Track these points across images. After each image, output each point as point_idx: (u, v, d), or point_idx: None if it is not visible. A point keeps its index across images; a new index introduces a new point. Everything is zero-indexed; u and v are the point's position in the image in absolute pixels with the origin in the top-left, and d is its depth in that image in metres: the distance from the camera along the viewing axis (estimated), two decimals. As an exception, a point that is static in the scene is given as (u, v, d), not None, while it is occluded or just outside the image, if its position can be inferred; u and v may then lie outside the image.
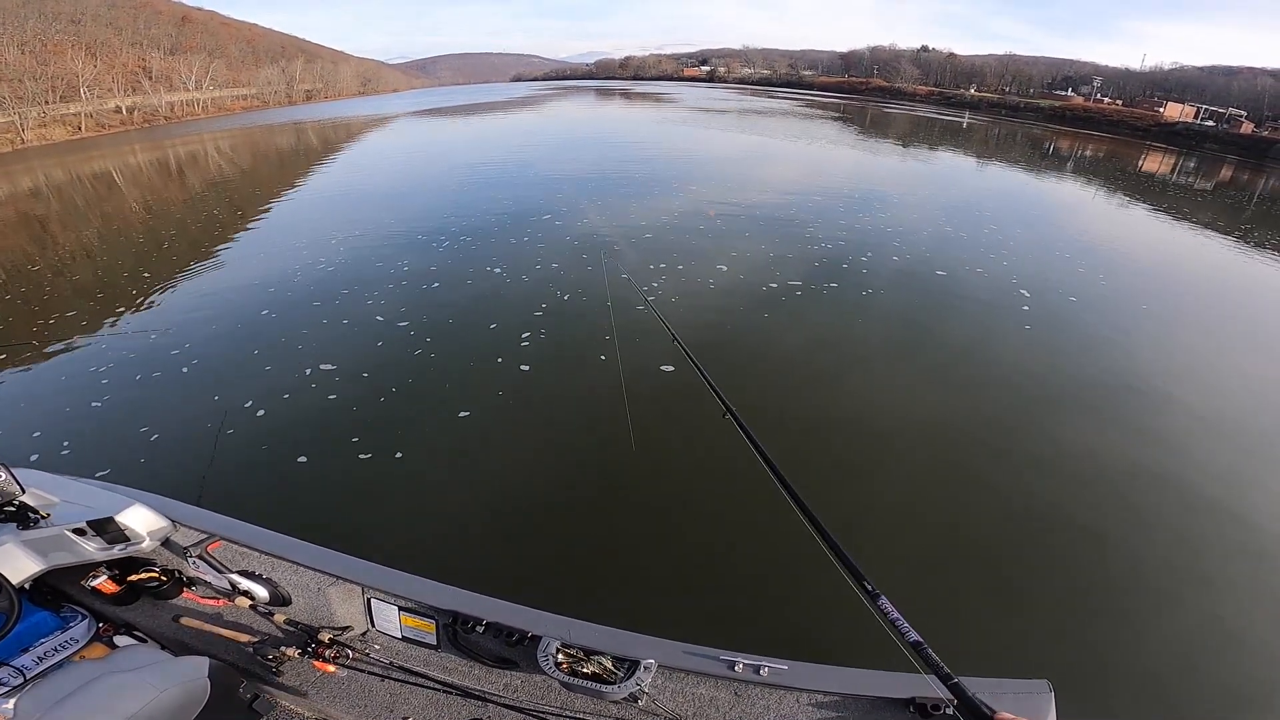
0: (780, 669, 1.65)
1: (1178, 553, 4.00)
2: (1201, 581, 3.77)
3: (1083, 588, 3.69)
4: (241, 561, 2.22)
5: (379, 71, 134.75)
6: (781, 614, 3.44)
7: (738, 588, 3.61)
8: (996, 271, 9.42)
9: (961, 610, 3.48)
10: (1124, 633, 3.38)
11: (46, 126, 46.71)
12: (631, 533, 4.08)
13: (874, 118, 48.75)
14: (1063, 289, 8.83)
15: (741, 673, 1.66)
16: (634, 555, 3.90)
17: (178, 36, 67.69)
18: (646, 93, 75.57)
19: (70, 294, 9.25)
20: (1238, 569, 3.87)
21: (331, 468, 4.69)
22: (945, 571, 3.77)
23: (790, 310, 7.55)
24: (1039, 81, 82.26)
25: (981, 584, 3.71)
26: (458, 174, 18.01)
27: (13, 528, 2.10)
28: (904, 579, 3.61)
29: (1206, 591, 3.70)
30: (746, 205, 13.03)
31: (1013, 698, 1.38)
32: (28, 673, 2.02)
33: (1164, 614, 3.54)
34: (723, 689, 1.70)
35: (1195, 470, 4.80)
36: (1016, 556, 3.94)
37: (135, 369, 6.31)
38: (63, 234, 14.13)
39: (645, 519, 4.19)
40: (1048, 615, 3.52)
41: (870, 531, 4.05)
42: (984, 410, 5.52)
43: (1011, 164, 26.50)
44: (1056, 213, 15.83)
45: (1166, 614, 3.54)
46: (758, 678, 1.64)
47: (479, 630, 1.93)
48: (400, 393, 5.66)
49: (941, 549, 3.96)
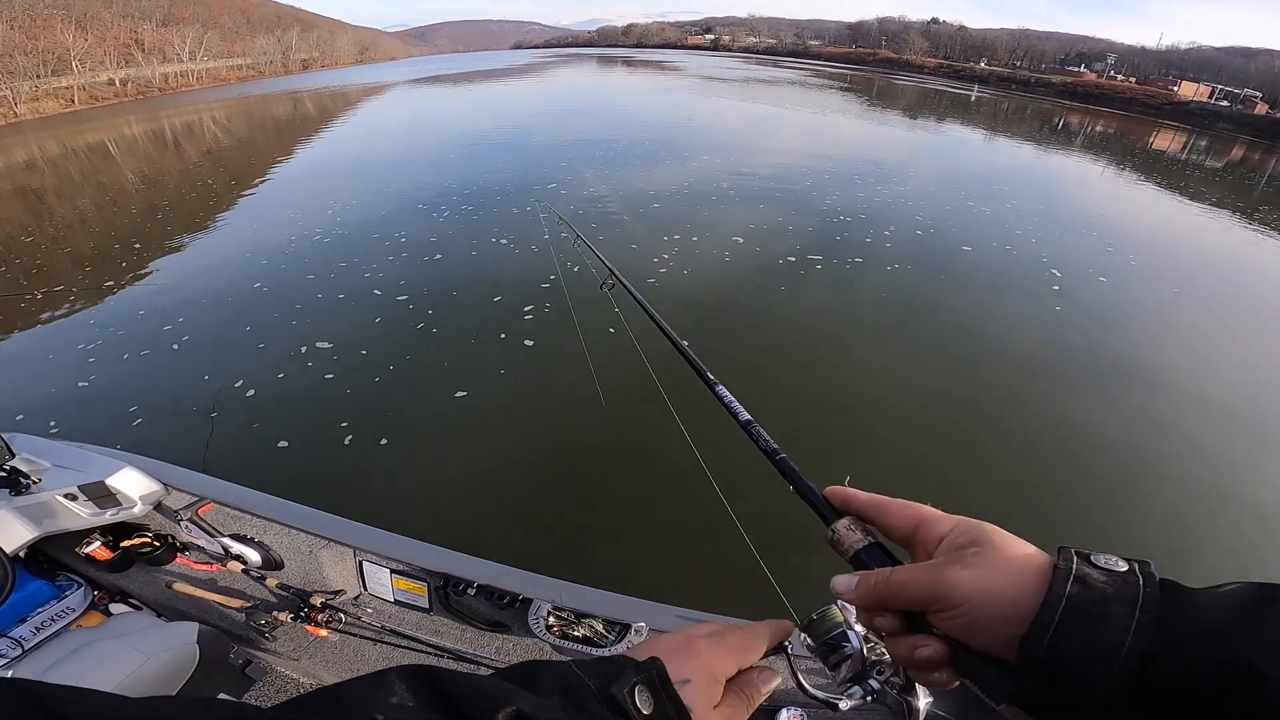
0: None
1: (1180, 538, 3.93)
2: (1204, 566, 3.70)
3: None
4: (234, 525, 2.18)
5: (377, 40, 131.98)
6: (775, 579, 3.38)
7: (731, 552, 3.57)
8: (1025, 249, 9.09)
9: None
10: None
11: (39, 100, 46.02)
12: (625, 496, 4.09)
13: (882, 89, 47.65)
14: (1093, 268, 8.54)
15: None
16: (626, 518, 3.90)
17: (169, 8, 66.22)
18: (650, 60, 73.80)
19: (61, 267, 9.05)
20: (1246, 557, 3.81)
21: (325, 454, 4.47)
22: None
23: (812, 284, 7.29)
24: (1052, 57, 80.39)
25: None
26: (458, 142, 17.57)
27: (5, 494, 2.05)
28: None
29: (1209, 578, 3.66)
30: (760, 176, 12.63)
31: None
32: (26, 643, 2.01)
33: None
34: None
35: (1217, 456, 4.68)
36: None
37: (124, 346, 6.12)
38: (58, 205, 13.91)
39: (639, 483, 4.19)
40: None
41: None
42: (1019, 393, 5.34)
43: (1024, 138, 25.91)
44: (1076, 189, 15.44)
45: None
46: None
47: (470, 593, 1.91)
48: (399, 369, 5.47)
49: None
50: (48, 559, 2.33)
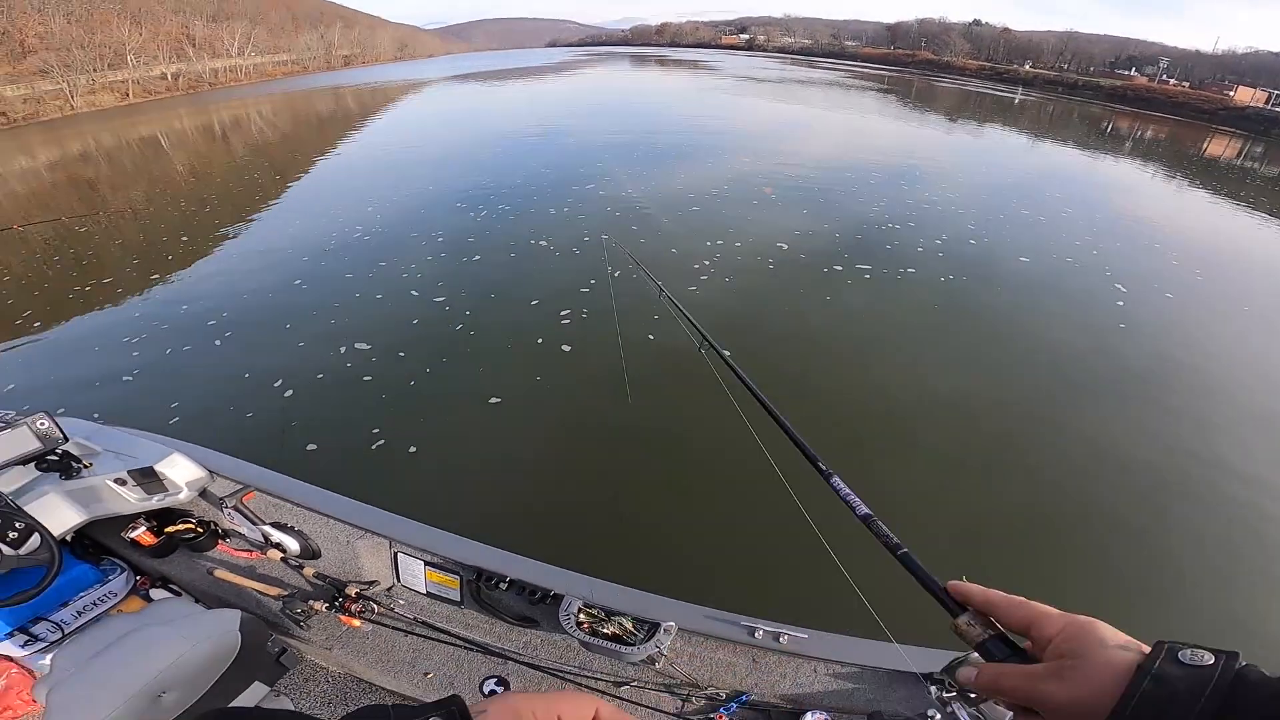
0: (800, 637, 1.63)
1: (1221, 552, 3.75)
2: (1241, 580, 3.58)
3: (1117, 578, 3.57)
4: (274, 513, 2.21)
5: (416, 37, 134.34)
6: (802, 583, 3.35)
7: (760, 555, 3.55)
8: (1087, 261, 8.63)
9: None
10: (1158, 623, 3.31)
11: (95, 93, 47.93)
12: (657, 497, 4.06)
13: (922, 91, 46.48)
14: (1158, 283, 8.07)
15: (760, 639, 1.64)
16: (658, 518, 3.86)
17: (219, 4, 68.33)
18: (684, 60, 73.42)
19: (112, 258, 9.28)
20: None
21: (352, 459, 4.40)
22: (979, 546, 3.73)
23: (860, 294, 7.00)
24: (1100, 60, 77.52)
25: (1013, 564, 3.64)
26: (494, 140, 17.65)
27: (55, 478, 2.07)
28: (937, 551, 3.56)
29: (1247, 591, 3.53)
30: (801, 179, 12.33)
31: None
32: (66, 627, 2.02)
33: (1203, 609, 3.42)
34: (741, 655, 1.69)
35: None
36: (1053, 539, 3.82)
37: (167, 341, 6.20)
38: (111, 196, 14.36)
39: (671, 485, 4.16)
40: (1078, 601, 3.32)
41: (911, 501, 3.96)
42: (1088, 415, 5.04)
43: (1073, 142, 24.87)
44: (1131, 196, 14.73)
45: (1206, 609, 3.42)
46: (776, 645, 1.63)
47: (502, 587, 1.92)
48: (435, 372, 5.41)
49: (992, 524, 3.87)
50: (93, 543, 2.36)
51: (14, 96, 41.98)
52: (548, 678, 1.81)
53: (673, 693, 1.73)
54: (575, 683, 1.79)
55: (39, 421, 2.03)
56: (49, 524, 1.93)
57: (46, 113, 42.42)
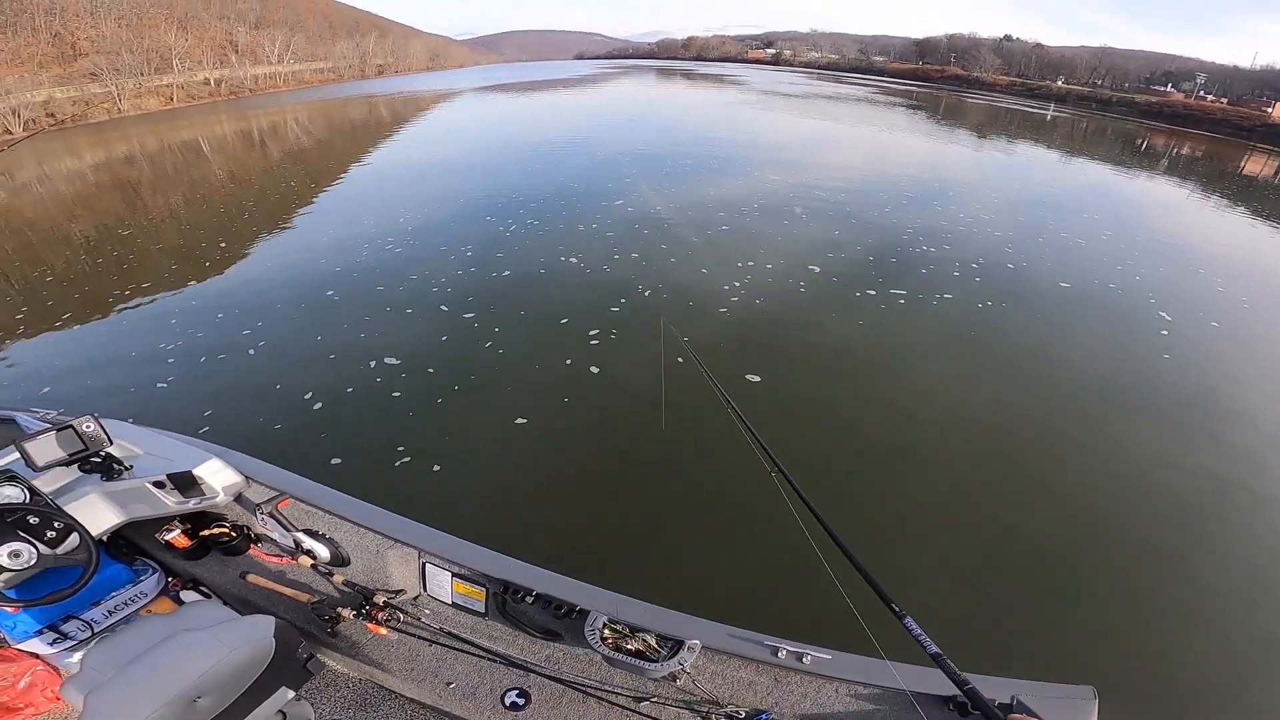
0: (823, 658, 1.64)
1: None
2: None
3: (1141, 599, 3.54)
4: (307, 520, 2.26)
5: (447, 47, 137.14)
6: (826, 606, 3.29)
7: (786, 577, 3.57)
8: (1130, 287, 8.39)
9: (1008, 613, 3.42)
10: (1179, 646, 3.28)
11: (141, 97, 49.69)
12: (683, 516, 4.09)
13: (951, 106, 45.99)
14: (1204, 310, 7.80)
15: (784, 659, 1.65)
16: (684, 538, 3.91)
17: (261, 11, 70.52)
18: (709, 74, 73.76)
19: (152, 262, 9.51)
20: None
21: (375, 475, 4.41)
22: (997, 571, 3.71)
23: (895, 320, 6.87)
24: (1135, 76, 76.01)
25: (1033, 586, 3.61)
26: (523, 152, 17.85)
27: (97, 479, 2.14)
28: (951, 578, 3.58)
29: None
30: (833, 198, 12.22)
31: (1055, 702, 1.39)
32: (96, 626, 2.06)
33: (1224, 630, 3.36)
34: (763, 674, 1.70)
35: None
36: (1073, 559, 3.79)
37: (202, 349, 6.30)
38: (153, 199, 14.80)
39: (697, 504, 4.19)
40: (1099, 624, 3.37)
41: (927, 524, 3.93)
42: (1140, 448, 4.85)
43: (1108, 160, 24.30)
44: (1171, 217, 14.31)
45: (1228, 630, 3.36)
46: (799, 665, 1.64)
47: (528, 600, 1.95)
48: (463, 390, 5.40)
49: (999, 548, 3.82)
50: (128, 543, 2.40)
51: (63, 98, 43.72)
52: (569, 691, 1.82)
53: (693, 710, 1.73)
54: (596, 697, 1.79)
55: (85, 424, 2.10)
56: (89, 524, 1.98)
57: (94, 115, 44.05)
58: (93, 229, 11.97)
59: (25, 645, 1.96)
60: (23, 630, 1.97)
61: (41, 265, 9.86)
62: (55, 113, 41.42)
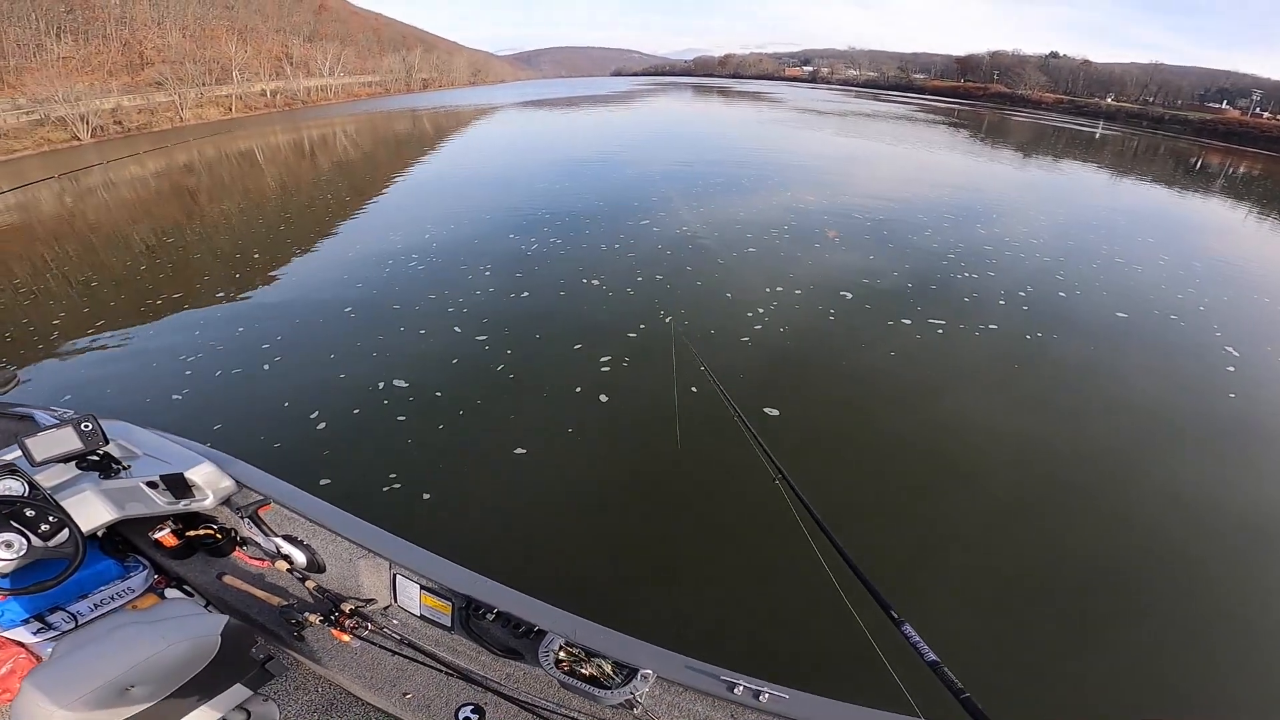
0: (781, 697, 1.62)
1: None
2: None
3: (1174, 635, 3.47)
4: (288, 526, 2.34)
5: (488, 63, 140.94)
6: (790, 642, 3.36)
7: (747, 608, 3.57)
8: (1192, 318, 7.99)
9: (1030, 649, 3.37)
10: (1216, 685, 3.22)
11: (203, 107, 52.35)
12: (649, 540, 4.10)
13: (994, 124, 45.02)
14: (1271, 344, 7.38)
15: (740, 695, 1.64)
16: (656, 567, 3.90)
17: (315, 24, 73.77)
18: (746, 91, 73.97)
19: (192, 272, 9.86)
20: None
21: (359, 498, 4.32)
22: (1018, 605, 3.67)
23: (932, 351, 6.64)
24: (1189, 93, 73.24)
25: (1058, 621, 3.55)
26: (555, 168, 18.12)
27: (95, 477, 2.24)
28: (974, 611, 3.54)
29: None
30: (870, 220, 11.99)
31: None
32: (80, 618, 2.12)
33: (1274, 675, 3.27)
34: (719, 709, 1.68)
35: None
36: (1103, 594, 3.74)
37: (220, 362, 6.44)
38: (207, 207, 15.53)
39: (666, 529, 4.20)
40: (1130, 661, 3.31)
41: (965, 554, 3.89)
42: (1200, 502, 4.60)
43: (1161, 180, 23.40)
44: (1232, 241, 13.57)
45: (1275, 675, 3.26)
46: (756, 703, 1.62)
47: (489, 618, 1.99)
48: (467, 415, 5.34)
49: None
50: (122, 540, 2.49)
51: (130, 107, 46.37)
52: (523, 712, 1.83)
53: None
54: (549, 719, 1.80)
55: (84, 424, 2.19)
56: (83, 520, 2.09)
57: (158, 124, 46.57)
58: (150, 234, 12.64)
59: (10, 633, 2.04)
60: (9, 619, 2.04)
61: (94, 269, 10.50)
62: (123, 120, 43.93)
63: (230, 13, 61.25)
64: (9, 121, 37.29)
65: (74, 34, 47.90)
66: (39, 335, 7.48)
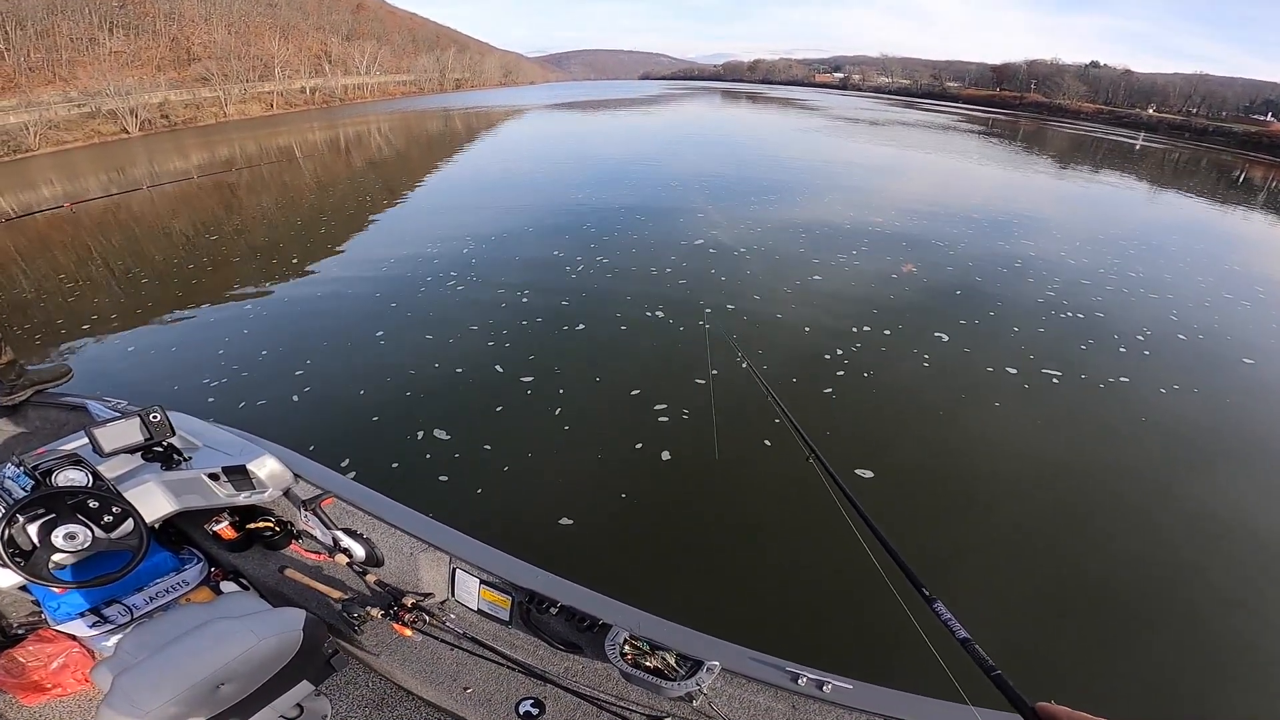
0: (844, 688, 1.62)
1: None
2: None
3: (1212, 656, 3.28)
4: (346, 519, 2.35)
5: (519, 64, 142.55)
6: (850, 633, 3.34)
7: (810, 602, 3.55)
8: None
9: (1062, 660, 3.25)
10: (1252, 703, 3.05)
11: (246, 103, 53.64)
12: (710, 536, 4.05)
13: (1036, 135, 43.81)
14: None
15: (804, 686, 1.64)
16: (710, 558, 3.86)
17: (353, 23, 75.28)
18: (776, 97, 73.35)
19: (229, 272, 9.65)
20: None
21: None
22: (1056, 615, 3.54)
23: (1061, 412, 5.77)
24: (1234, 104, 70.90)
25: (1093, 634, 3.39)
26: (592, 174, 17.73)
27: (157, 468, 2.22)
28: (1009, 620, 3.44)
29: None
30: (953, 252, 10.47)
31: None
32: (136, 611, 2.10)
33: None
34: (781, 700, 1.69)
35: None
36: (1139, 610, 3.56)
37: (244, 393, 5.78)
38: (246, 202, 15.63)
39: (725, 525, 4.16)
40: (1160, 677, 3.20)
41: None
42: None
43: (1219, 199, 22.31)
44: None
45: None
46: (819, 694, 1.62)
47: (552, 611, 2.00)
48: (511, 473, 4.64)
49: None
50: (177, 532, 2.50)
51: (176, 102, 47.65)
52: (584, 704, 1.83)
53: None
54: (611, 712, 1.79)
55: (153, 414, 2.19)
56: (145, 511, 2.07)
57: (203, 119, 47.83)
58: (191, 227, 12.72)
59: (65, 627, 1.99)
60: (65, 611, 1.99)
61: (131, 261, 10.57)
62: (169, 115, 45.14)
63: (273, 10, 62.81)
64: (60, 114, 38.58)
65: (125, 29, 49.44)
66: (86, 324, 7.51)
